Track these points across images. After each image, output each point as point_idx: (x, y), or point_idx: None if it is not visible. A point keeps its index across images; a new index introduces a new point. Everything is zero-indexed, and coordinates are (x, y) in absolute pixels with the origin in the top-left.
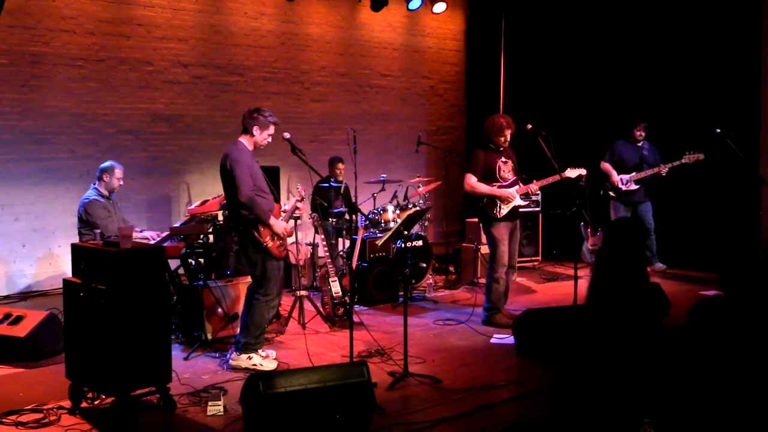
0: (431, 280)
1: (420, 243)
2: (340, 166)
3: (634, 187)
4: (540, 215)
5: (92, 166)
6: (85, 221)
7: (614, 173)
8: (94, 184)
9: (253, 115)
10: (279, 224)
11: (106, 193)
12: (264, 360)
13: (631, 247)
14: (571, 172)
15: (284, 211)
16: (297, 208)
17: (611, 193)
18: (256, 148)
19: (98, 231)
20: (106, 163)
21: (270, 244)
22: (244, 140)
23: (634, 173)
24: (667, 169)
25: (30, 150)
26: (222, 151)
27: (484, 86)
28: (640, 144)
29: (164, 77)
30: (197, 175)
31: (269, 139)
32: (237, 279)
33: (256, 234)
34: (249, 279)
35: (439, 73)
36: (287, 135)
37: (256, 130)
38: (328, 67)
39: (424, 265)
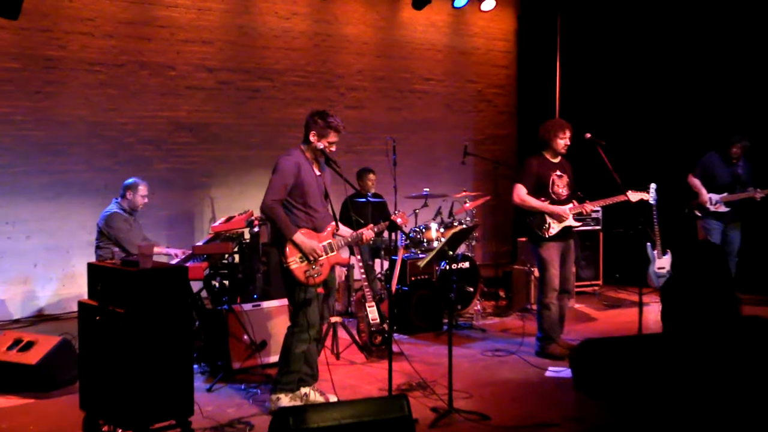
0: (479, 306)
1: (466, 265)
2: (371, 177)
3: (723, 209)
4: (600, 234)
5: (110, 179)
6: (106, 235)
7: (704, 191)
8: (117, 199)
9: (314, 118)
10: (308, 243)
11: (128, 209)
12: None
13: (715, 272)
14: (633, 196)
15: (340, 235)
16: (361, 235)
17: (696, 212)
18: (318, 156)
19: (116, 249)
20: (130, 180)
21: (293, 266)
22: (303, 147)
23: (725, 194)
24: (763, 195)
25: (43, 162)
26: (249, 162)
27: (537, 91)
28: (735, 162)
29: (187, 82)
30: (223, 189)
31: (331, 148)
32: (265, 303)
33: (283, 251)
34: (278, 303)
35: (488, 77)
36: (320, 145)
37: (312, 137)
38: (366, 70)
39: (471, 289)
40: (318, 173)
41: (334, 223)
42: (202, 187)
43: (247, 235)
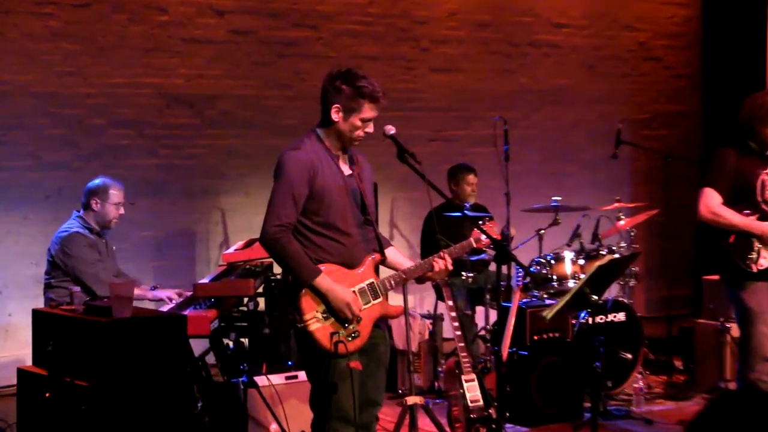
0: (641, 384)
1: (621, 317)
2: (471, 179)
3: None
4: None
5: (68, 180)
6: (61, 267)
7: None
8: (78, 212)
9: (335, 83)
10: (338, 292)
11: (96, 227)
12: None
13: None
14: None
15: (394, 265)
16: (430, 266)
17: None
18: (347, 144)
19: (77, 289)
20: (96, 181)
21: (313, 326)
22: (320, 131)
23: None
24: None
25: None
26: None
27: (734, 44)
28: None
29: (186, 32)
30: (239, 197)
31: (367, 129)
32: (304, 373)
33: (297, 304)
34: None
35: (655, 22)
36: (391, 130)
37: (335, 113)
38: (461, 12)
39: (629, 355)
40: (348, 172)
41: (377, 251)
42: (208, 194)
43: (277, 269)
